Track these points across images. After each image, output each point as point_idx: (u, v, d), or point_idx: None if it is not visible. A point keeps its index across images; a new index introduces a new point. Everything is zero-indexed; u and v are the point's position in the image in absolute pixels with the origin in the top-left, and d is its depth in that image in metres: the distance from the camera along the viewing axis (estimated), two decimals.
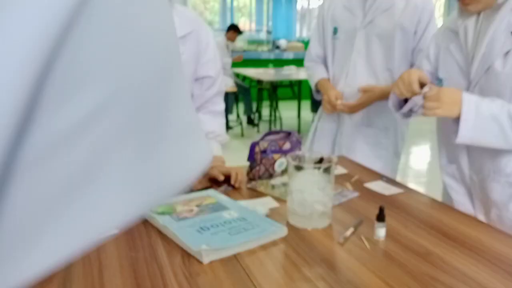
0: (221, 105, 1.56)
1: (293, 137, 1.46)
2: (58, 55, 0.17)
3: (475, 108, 1.17)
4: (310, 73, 1.94)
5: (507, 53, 1.17)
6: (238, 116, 5.78)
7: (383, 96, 1.72)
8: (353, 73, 1.76)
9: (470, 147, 1.28)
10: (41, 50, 0.16)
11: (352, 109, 1.74)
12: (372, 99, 1.73)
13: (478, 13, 1.25)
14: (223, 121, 1.58)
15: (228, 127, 5.72)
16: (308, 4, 9.80)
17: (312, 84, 1.92)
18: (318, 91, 1.90)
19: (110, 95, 0.19)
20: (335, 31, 1.80)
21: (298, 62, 7.52)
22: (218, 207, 1.12)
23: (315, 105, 4.96)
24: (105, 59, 0.18)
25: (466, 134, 1.17)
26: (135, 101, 0.20)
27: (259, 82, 5.90)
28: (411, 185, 1.58)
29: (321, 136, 1.91)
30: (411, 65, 1.73)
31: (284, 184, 1.34)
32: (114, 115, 0.19)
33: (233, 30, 6.19)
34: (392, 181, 1.41)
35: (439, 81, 1.38)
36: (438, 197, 1.37)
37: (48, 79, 0.16)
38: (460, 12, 1.29)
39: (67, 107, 0.17)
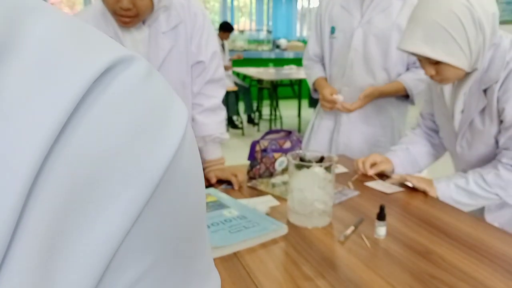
0: (217, 98, 1.43)
1: (293, 136, 1.46)
2: (126, 237, 0.20)
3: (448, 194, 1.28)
4: (308, 72, 1.95)
5: (482, 110, 1.23)
6: (238, 115, 5.78)
7: (381, 95, 1.72)
8: (350, 73, 1.76)
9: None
10: (116, 238, 0.20)
11: (350, 111, 1.75)
12: (371, 100, 1.73)
13: None
14: (220, 118, 1.45)
15: (234, 126, 5.71)
16: (309, 4, 9.79)
17: (310, 83, 1.93)
18: (315, 90, 1.91)
19: (157, 259, 0.22)
20: (332, 30, 1.81)
21: (299, 61, 7.51)
22: (218, 206, 1.12)
23: (313, 101, 4.96)
24: (164, 231, 0.22)
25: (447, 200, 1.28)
26: (176, 256, 0.23)
27: (260, 81, 5.90)
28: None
29: (319, 134, 1.92)
30: (407, 65, 1.74)
31: (285, 183, 1.34)
32: (155, 274, 0.22)
33: (224, 29, 6.10)
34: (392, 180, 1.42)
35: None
36: None
37: (114, 255, 0.20)
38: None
39: (128, 272, 0.21)
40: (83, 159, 0.18)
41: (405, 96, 1.78)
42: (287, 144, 1.43)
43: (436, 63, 1.17)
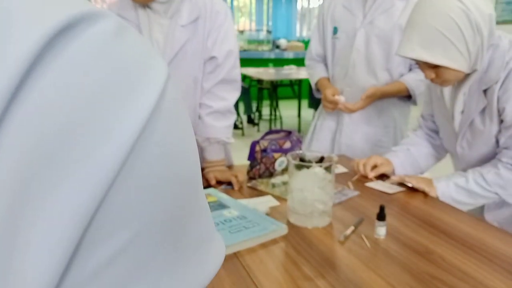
0: (228, 100, 1.40)
1: (293, 136, 1.46)
2: (97, 210, 0.18)
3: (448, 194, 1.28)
4: (310, 72, 1.95)
5: (483, 110, 1.23)
6: (238, 115, 5.78)
7: (383, 96, 1.72)
8: (353, 73, 1.76)
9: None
10: (86, 209, 0.18)
11: (353, 111, 1.75)
12: (373, 100, 1.73)
13: None
14: (229, 122, 1.42)
15: (234, 127, 5.70)
16: (308, 4, 9.79)
17: (312, 83, 1.93)
18: (318, 90, 1.91)
19: (138, 231, 0.20)
20: (335, 30, 1.81)
21: (298, 61, 7.52)
22: (218, 206, 1.12)
23: (313, 101, 4.96)
24: (138, 205, 0.20)
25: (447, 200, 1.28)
26: (161, 229, 0.21)
27: (259, 81, 5.90)
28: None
29: (321, 134, 1.92)
30: (410, 65, 1.74)
31: (285, 183, 1.34)
32: (140, 245, 0.20)
33: None
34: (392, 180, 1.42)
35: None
36: None
37: (87, 230, 0.18)
38: None
39: (97, 251, 0.19)
40: (37, 125, 0.17)
41: (407, 97, 1.78)
42: (287, 144, 1.43)
43: (436, 66, 1.18)
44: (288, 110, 6.71)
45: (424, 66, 1.21)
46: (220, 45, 1.35)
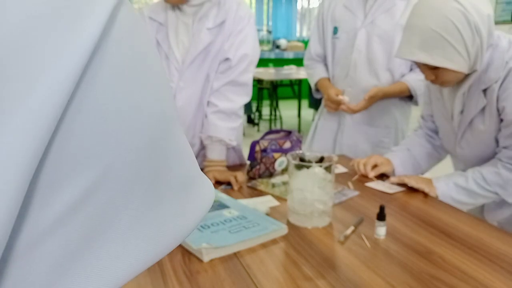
0: (235, 102, 1.40)
1: (293, 136, 1.46)
2: (49, 149, 0.17)
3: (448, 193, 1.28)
4: (309, 72, 1.94)
5: (482, 109, 1.23)
6: None
7: (385, 96, 1.72)
8: (354, 73, 1.76)
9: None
10: (34, 148, 0.16)
11: (355, 112, 1.75)
12: (375, 101, 1.73)
13: None
14: (233, 124, 1.42)
15: None
16: (308, 4, 9.79)
17: (312, 83, 1.92)
18: (317, 90, 1.91)
19: (104, 171, 0.19)
20: (335, 30, 1.80)
21: (298, 61, 7.51)
22: (218, 206, 1.12)
23: (314, 101, 4.96)
24: (98, 141, 0.18)
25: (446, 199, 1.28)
26: (130, 170, 0.20)
27: (260, 81, 5.90)
28: None
29: (322, 134, 1.92)
30: (411, 65, 1.74)
31: (285, 183, 1.34)
32: (109, 187, 0.19)
33: None
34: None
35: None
36: None
37: (41, 171, 0.17)
38: None
39: (62, 192, 0.18)
40: None
41: (408, 97, 1.78)
42: (287, 144, 1.43)
43: (435, 68, 1.18)
44: (288, 110, 6.71)
45: (424, 67, 1.21)
46: (236, 48, 1.38)
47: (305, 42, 8.43)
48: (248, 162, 1.40)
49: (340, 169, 1.51)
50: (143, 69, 0.21)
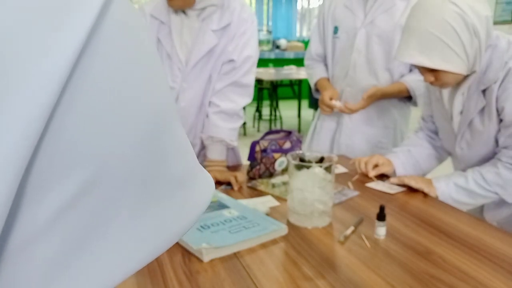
0: (236, 103, 1.41)
1: (293, 136, 1.46)
2: (40, 147, 0.17)
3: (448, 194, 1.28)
4: (310, 72, 1.94)
5: (482, 110, 1.23)
6: None
7: (384, 96, 1.72)
8: (353, 73, 1.76)
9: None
10: (23, 146, 0.16)
11: (353, 112, 1.75)
12: (374, 100, 1.73)
13: None
14: (234, 125, 1.43)
15: None
16: (308, 4, 9.79)
17: (312, 83, 1.92)
18: (317, 90, 1.91)
19: (98, 169, 0.18)
20: (335, 30, 1.80)
21: (298, 61, 7.51)
22: (218, 206, 1.12)
23: (314, 101, 4.96)
24: (90, 138, 0.18)
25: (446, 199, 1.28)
26: (125, 167, 0.19)
27: (260, 81, 5.90)
28: None
29: (321, 134, 1.92)
30: (410, 66, 1.74)
31: (285, 183, 1.34)
32: (104, 184, 0.19)
33: None
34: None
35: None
36: None
37: (31, 169, 0.17)
38: None
39: (54, 191, 0.17)
40: None
41: (407, 98, 1.78)
42: (287, 145, 1.43)
43: (434, 70, 1.18)
44: (288, 110, 6.71)
45: (423, 69, 1.21)
46: (240, 49, 1.39)
47: (305, 42, 8.43)
48: (246, 162, 1.40)
49: (340, 169, 1.51)
50: (136, 64, 0.20)
